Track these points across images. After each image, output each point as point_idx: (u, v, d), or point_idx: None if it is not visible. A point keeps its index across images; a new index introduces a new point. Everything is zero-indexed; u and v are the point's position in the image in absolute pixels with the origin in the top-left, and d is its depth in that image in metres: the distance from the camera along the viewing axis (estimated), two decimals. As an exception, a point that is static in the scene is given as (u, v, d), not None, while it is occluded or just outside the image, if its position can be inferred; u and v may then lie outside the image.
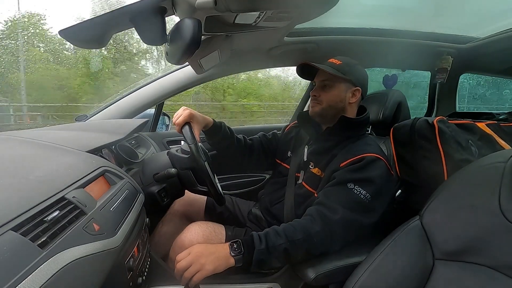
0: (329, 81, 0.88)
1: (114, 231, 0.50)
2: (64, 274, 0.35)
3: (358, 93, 0.88)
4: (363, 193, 0.74)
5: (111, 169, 0.66)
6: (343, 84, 0.87)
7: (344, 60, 0.89)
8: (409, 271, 0.59)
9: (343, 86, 0.87)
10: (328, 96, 0.88)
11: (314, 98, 0.91)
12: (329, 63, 0.89)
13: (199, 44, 0.55)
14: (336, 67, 0.87)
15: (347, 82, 0.87)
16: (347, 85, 0.87)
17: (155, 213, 0.94)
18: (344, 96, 0.88)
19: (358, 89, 0.88)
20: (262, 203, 1.01)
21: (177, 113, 0.86)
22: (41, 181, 0.45)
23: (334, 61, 0.89)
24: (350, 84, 0.87)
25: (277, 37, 1.10)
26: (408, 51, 1.35)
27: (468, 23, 1.31)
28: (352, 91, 0.88)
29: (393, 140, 0.96)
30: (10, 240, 0.32)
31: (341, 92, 0.87)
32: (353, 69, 0.88)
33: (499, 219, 0.52)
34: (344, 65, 0.87)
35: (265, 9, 0.63)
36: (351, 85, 0.88)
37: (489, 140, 0.88)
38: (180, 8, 0.61)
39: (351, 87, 0.88)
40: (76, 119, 1.18)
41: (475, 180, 0.61)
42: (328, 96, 0.88)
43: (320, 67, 0.85)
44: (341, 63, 0.88)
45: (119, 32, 0.62)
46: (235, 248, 0.70)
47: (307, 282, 0.70)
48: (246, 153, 1.05)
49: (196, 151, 0.78)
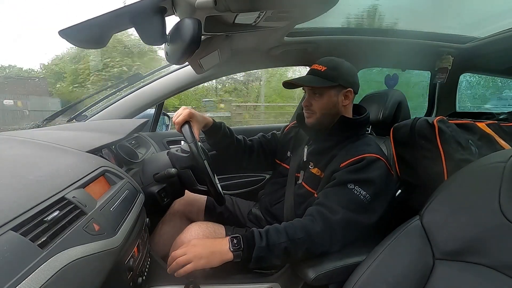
0: (318, 89, 0.86)
1: (114, 231, 0.50)
2: (64, 274, 0.35)
3: (351, 93, 0.86)
4: (363, 193, 0.74)
5: (111, 169, 0.66)
6: (332, 90, 0.85)
7: (328, 64, 0.85)
8: (409, 271, 0.59)
9: (333, 91, 0.85)
10: (320, 104, 0.86)
11: (306, 108, 0.89)
12: (313, 70, 0.87)
13: (199, 44, 0.55)
14: (321, 74, 0.84)
15: (336, 87, 0.85)
16: (337, 89, 0.85)
17: (155, 213, 0.94)
18: (337, 101, 0.86)
19: (349, 90, 0.86)
20: (262, 203, 1.01)
21: (177, 112, 0.87)
22: (41, 181, 0.45)
23: (318, 68, 0.86)
24: (340, 88, 0.85)
25: (277, 37, 1.10)
26: (408, 51, 1.35)
27: (468, 23, 1.32)
28: (343, 93, 0.86)
29: (393, 140, 0.96)
30: (10, 240, 0.32)
31: (332, 97, 0.85)
32: (339, 71, 0.85)
33: (499, 219, 0.51)
34: (329, 70, 0.84)
35: (265, 9, 0.63)
36: (341, 88, 0.85)
37: (489, 140, 0.88)
38: (180, 8, 0.61)
39: (342, 90, 0.85)
40: (76, 119, 1.18)
41: (475, 180, 0.61)
42: (320, 104, 0.86)
43: (304, 83, 0.85)
44: (326, 69, 0.84)
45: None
46: (235, 244, 0.70)
47: (307, 282, 0.70)
48: (246, 153, 1.05)
49: (195, 150, 0.78)
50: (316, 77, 0.85)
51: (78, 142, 0.72)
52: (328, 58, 0.88)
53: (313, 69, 0.87)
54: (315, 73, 0.86)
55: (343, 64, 0.87)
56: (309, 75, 0.88)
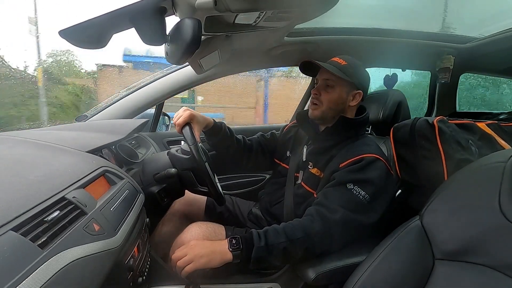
0: (332, 81, 0.86)
1: (114, 231, 0.50)
2: (64, 274, 0.35)
3: (359, 96, 0.87)
4: (362, 193, 0.74)
5: (111, 169, 0.66)
6: (345, 86, 0.86)
7: (349, 60, 0.87)
8: (409, 271, 0.59)
9: (345, 88, 0.86)
10: (329, 96, 0.86)
11: (315, 97, 0.89)
12: (334, 62, 0.87)
13: (199, 44, 0.55)
14: (340, 67, 0.85)
15: (349, 85, 0.86)
16: (349, 87, 0.86)
17: (155, 213, 0.94)
18: (345, 98, 0.87)
19: (359, 93, 0.87)
20: (262, 203, 1.01)
21: (178, 113, 0.86)
22: (41, 181, 0.45)
23: (339, 61, 0.86)
24: (352, 87, 0.86)
25: (277, 37, 1.10)
26: (408, 51, 1.35)
27: (468, 23, 1.31)
28: (353, 94, 0.87)
29: (393, 140, 0.96)
30: (10, 240, 0.32)
31: (343, 93, 0.86)
32: (357, 71, 0.86)
33: (499, 219, 0.51)
34: (349, 66, 0.85)
35: (265, 9, 0.63)
36: (353, 88, 0.86)
37: (489, 140, 0.88)
38: (180, 8, 0.61)
39: (353, 90, 0.86)
40: (76, 119, 1.18)
41: (475, 180, 0.61)
42: (329, 96, 0.86)
43: (324, 66, 0.83)
44: (346, 64, 0.85)
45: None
46: (234, 244, 0.70)
47: (308, 282, 0.70)
48: (245, 153, 1.05)
49: (196, 152, 0.78)
50: (335, 68, 0.85)
51: (78, 142, 0.72)
52: (348, 56, 0.89)
53: (333, 61, 0.87)
54: (334, 64, 0.86)
55: (361, 67, 0.88)
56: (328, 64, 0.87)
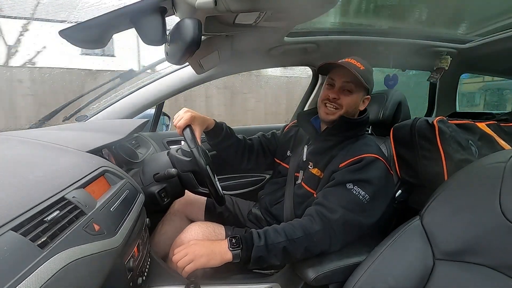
0: (352, 85, 0.83)
1: (114, 231, 0.50)
2: (64, 274, 0.35)
3: (367, 101, 0.89)
4: (362, 193, 0.74)
5: (111, 169, 0.66)
6: (362, 91, 0.86)
7: (365, 65, 0.85)
8: (409, 271, 0.59)
9: (362, 93, 0.86)
10: (348, 100, 0.84)
11: (333, 101, 0.84)
12: (352, 65, 0.83)
13: (199, 44, 0.55)
14: (360, 72, 0.81)
15: (365, 90, 0.86)
16: (364, 92, 0.87)
17: (155, 213, 0.94)
18: (359, 103, 0.87)
19: (368, 97, 0.88)
20: (262, 203, 1.01)
21: (178, 115, 0.85)
22: (41, 181, 0.45)
23: (357, 64, 0.83)
24: (365, 92, 0.87)
25: (277, 37, 1.10)
26: (408, 51, 1.35)
27: (468, 23, 1.31)
28: (364, 98, 0.88)
29: (393, 140, 0.96)
30: (10, 240, 0.32)
31: (359, 98, 0.86)
32: (371, 77, 0.87)
33: (499, 219, 0.51)
34: (366, 71, 0.84)
35: (265, 9, 0.63)
36: (366, 93, 0.87)
37: (489, 140, 0.88)
38: (180, 8, 0.61)
39: (365, 95, 0.87)
40: (76, 119, 1.18)
41: (475, 180, 0.61)
42: (348, 100, 0.84)
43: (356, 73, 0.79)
44: (364, 69, 0.83)
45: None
46: (234, 243, 0.70)
47: (307, 282, 0.70)
48: (246, 153, 1.05)
49: (197, 155, 0.78)
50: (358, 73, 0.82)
51: (78, 142, 0.72)
52: (362, 59, 0.86)
53: (351, 63, 0.83)
54: (353, 67, 0.81)
55: (372, 72, 0.88)
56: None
